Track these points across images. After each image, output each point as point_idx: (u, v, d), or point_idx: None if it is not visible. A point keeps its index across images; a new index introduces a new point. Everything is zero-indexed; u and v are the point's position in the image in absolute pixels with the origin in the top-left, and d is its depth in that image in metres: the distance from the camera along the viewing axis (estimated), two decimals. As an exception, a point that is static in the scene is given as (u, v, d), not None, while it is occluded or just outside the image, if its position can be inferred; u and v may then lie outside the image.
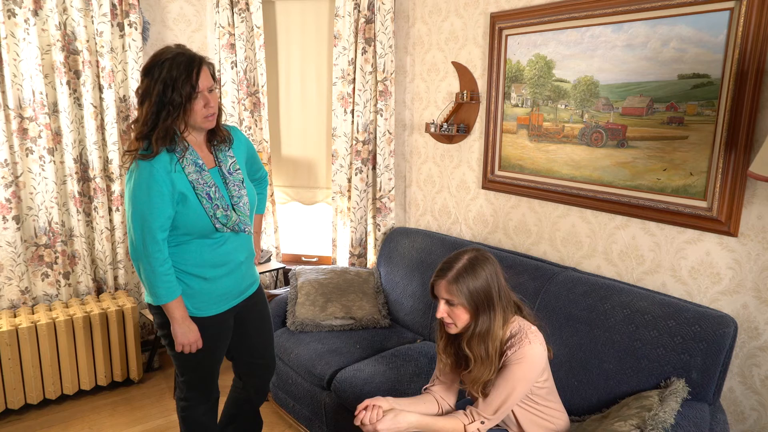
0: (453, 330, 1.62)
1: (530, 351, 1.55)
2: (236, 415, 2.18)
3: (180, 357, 1.89)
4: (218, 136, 1.84)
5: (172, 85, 1.62)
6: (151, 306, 1.85)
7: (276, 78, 3.40)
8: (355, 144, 3.18)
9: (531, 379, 1.58)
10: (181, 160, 1.73)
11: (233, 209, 1.82)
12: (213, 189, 1.77)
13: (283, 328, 2.79)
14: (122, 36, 3.01)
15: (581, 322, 2.03)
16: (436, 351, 1.77)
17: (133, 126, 1.75)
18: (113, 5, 2.92)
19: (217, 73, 3.04)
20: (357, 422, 1.58)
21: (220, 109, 1.80)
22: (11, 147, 2.77)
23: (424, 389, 1.81)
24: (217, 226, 1.78)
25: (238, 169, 1.88)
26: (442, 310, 1.60)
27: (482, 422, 1.58)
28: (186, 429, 2.04)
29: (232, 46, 3.20)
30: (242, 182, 1.87)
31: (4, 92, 2.73)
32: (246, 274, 1.97)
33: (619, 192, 2.21)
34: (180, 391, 2.00)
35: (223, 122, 1.88)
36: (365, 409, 1.59)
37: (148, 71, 1.67)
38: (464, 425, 1.58)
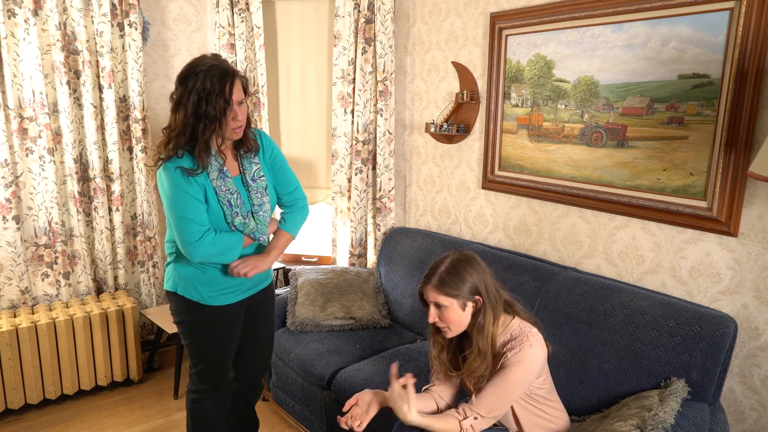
0: (449, 334, 1.65)
1: (530, 354, 1.56)
2: (230, 412, 2.20)
3: (194, 346, 1.95)
4: (245, 146, 1.88)
5: (206, 97, 1.66)
6: (168, 292, 1.94)
7: (276, 78, 3.40)
8: (355, 144, 3.18)
9: (528, 381, 1.59)
10: (210, 173, 1.77)
11: (253, 217, 1.87)
12: (235, 196, 1.82)
13: (283, 328, 2.79)
14: (122, 36, 3.01)
15: (581, 322, 2.03)
16: (429, 358, 1.79)
17: (163, 131, 1.78)
18: (113, 5, 2.92)
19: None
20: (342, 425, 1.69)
21: (248, 120, 1.83)
22: (11, 147, 2.77)
23: (424, 389, 1.81)
24: (232, 230, 1.85)
25: (263, 176, 1.91)
26: (433, 314, 1.63)
27: (475, 417, 1.59)
28: (192, 422, 2.06)
29: (232, 46, 3.20)
30: (265, 189, 1.91)
31: (4, 92, 2.73)
32: None
33: (619, 192, 2.21)
34: (192, 383, 2.04)
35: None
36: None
37: (183, 80, 1.69)
38: (459, 421, 1.59)
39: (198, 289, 1.88)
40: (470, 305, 1.61)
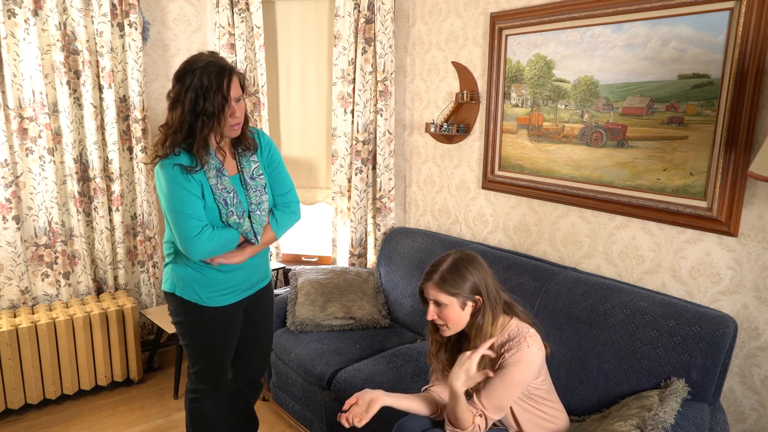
0: (447, 332, 1.65)
1: (528, 355, 1.56)
2: (229, 412, 2.20)
3: (192, 346, 1.95)
4: (243, 144, 1.87)
5: (204, 94, 1.65)
6: (166, 293, 1.93)
7: (276, 78, 3.40)
8: (355, 144, 3.18)
9: (526, 382, 1.60)
10: (208, 171, 1.77)
11: (249, 216, 1.85)
12: (231, 195, 1.81)
13: (283, 328, 2.79)
14: (122, 36, 3.01)
15: (581, 322, 2.03)
16: (428, 355, 1.79)
17: (160, 129, 1.77)
18: (113, 5, 2.92)
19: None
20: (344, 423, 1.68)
21: (246, 118, 1.82)
22: (11, 147, 2.77)
23: (424, 389, 1.82)
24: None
25: (261, 174, 1.90)
26: (431, 312, 1.64)
27: (480, 415, 1.60)
28: (191, 422, 2.07)
29: (232, 46, 3.20)
30: (264, 188, 1.90)
31: (4, 92, 2.73)
32: (260, 266, 2.02)
33: (619, 192, 2.21)
34: (190, 383, 2.04)
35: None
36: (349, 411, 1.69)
37: (180, 77, 1.69)
38: (473, 415, 1.59)
39: (196, 290, 1.88)
40: (470, 304, 1.61)
